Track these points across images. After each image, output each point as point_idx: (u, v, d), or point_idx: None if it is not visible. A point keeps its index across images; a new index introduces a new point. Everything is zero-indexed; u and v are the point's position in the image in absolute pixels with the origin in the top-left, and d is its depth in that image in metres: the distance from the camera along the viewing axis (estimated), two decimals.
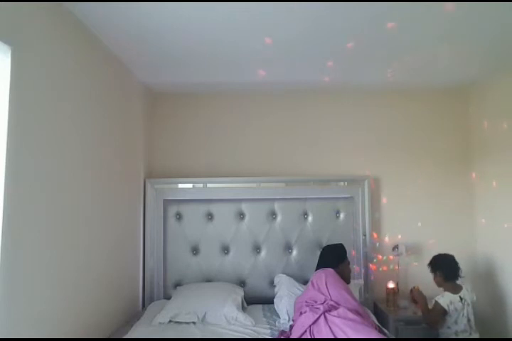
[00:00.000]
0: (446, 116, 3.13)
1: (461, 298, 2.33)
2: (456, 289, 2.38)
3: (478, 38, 2.13)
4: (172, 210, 2.92)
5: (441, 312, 2.32)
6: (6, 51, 1.37)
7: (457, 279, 2.42)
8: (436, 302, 2.35)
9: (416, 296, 2.49)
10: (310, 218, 2.93)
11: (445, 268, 2.43)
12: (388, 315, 2.59)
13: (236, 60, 2.41)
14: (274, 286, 2.75)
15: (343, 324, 1.85)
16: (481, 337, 2.36)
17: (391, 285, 2.76)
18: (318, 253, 2.60)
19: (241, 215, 2.93)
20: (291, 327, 2.14)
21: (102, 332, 2.10)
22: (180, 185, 2.99)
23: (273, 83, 2.88)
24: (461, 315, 2.30)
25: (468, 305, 2.33)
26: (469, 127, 3.09)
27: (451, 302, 2.32)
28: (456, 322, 2.30)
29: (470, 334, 2.30)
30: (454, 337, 2.30)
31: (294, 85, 2.95)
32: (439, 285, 2.44)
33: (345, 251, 2.50)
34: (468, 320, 2.32)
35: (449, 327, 2.32)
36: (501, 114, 2.69)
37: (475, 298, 2.39)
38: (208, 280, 2.84)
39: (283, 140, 3.11)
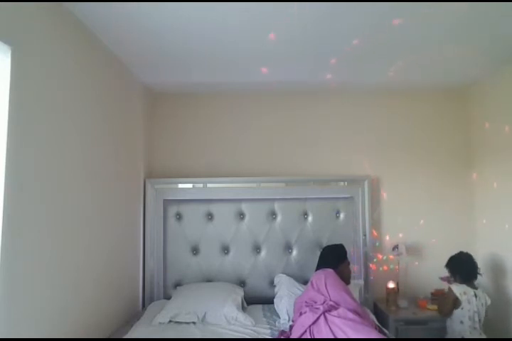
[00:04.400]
0: (446, 116, 3.13)
1: (475, 294, 2.34)
2: (472, 286, 2.39)
3: (478, 38, 2.13)
4: (172, 210, 2.92)
5: (454, 300, 2.33)
6: (6, 51, 1.37)
7: (475, 278, 2.43)
8: (449, 289, 2.38)
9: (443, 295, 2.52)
10: (310, 218, 2.93)
11: (463, 270, 2.44)
12: (388, 315, 2.59)
13: (236, 60, 2.41)
14: (274, 286, 2.75)
15: (343, 324, 1.85)
16: (489, 338, 2.35)
17: (391, 285, 2.76)
18: (318, 253, 2.60)
19: (241, 215, 2.93)
20: (291, 327, 2.14)
21: (102, 332, 2.10)
22: (180, 185, 2.99)
23: (273, 83, 2.88)
24: (474, 311, 2.30)
25: (481, 305, 2.34)
26: (470, 127, 3.09)
27: (464, 293, 2.33)
28: (469, 318, 2.30)
29: (480, 334, 2.30)
30: (467, 333, 2.28)
31: (294, 85, 2.95)
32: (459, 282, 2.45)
33: (345, 252, 2.49)
34: (479, 320, 2.32)
35: (461, 322, 2.31)
36: (502, 114, 2.68)
37: (489, 302, 2.38)
38: (208, 280, 2.84)
39: (283, 140, 3.11)
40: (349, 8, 1.76)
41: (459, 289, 2.35)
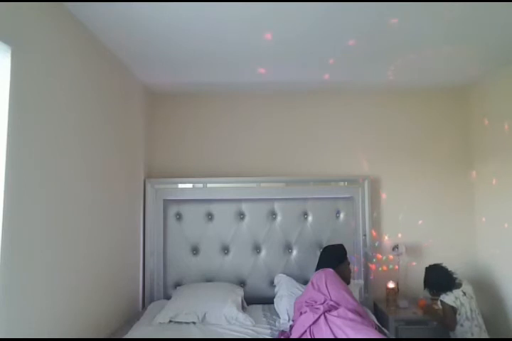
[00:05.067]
0: (446, 116, 3.13)
1: (464, 293, 2.33)
2: (457, 285, 2.39)
3: (478, 38, 2.13)
4: (172, 210, 2.92)
5: (452, 311, 2.32)
6: (6, 51, 1.37)
7: (455, 281, 2.42)
8: (442, 302, 2.36)
9: (429, 311, 2.50)
10: (310, 218, 2.93)
11: (442, 284, 2.43)
12: (388, 315, 2.59)
13: (236, 60, 2.41)
14: (274, 286, 2.75)
15: (343, 324, 1.85)
16: (489, 338, 2.35)
17: (391, 285, 2.76)
18: (318, 253, 2.61)
19: (241, 215, 2.93)
20: (291, 327, 2.14)
21: (102, 332, 2.10)
22: (180, 185, 2.99)
23: (273, 83, 2.88)
24: (469, 309, 2.30)
25: (471, 298, 2.33)
26: (469, 127, 3.09)
27: (456, 298, 2.32)
28: (467, 318, 2.30)
29: (481, 329, 2.29)
30: (469, 334, 2.28)
31: (294, 85, 2.95)
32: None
33: (345, 252, 2.50)
34: (477, 314, 2.31)
35: (461, 325, 2.31)
36: (501, 113, 2.68)
37: (473, 289, 2.39)
38: (208, 280, 2.84)
39: (283, 140, 3.11)
40: (349, 7, 1.76)
41: (450, 298, 2.34)
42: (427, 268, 2.56)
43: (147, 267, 2.84)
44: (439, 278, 2.44)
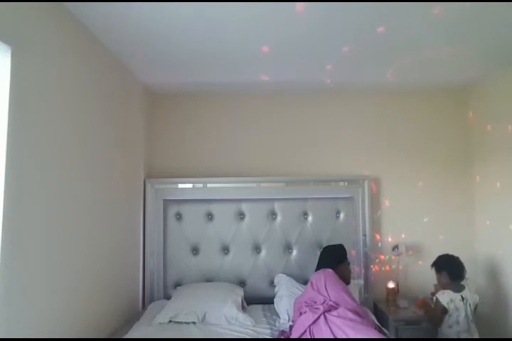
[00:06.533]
0: (446, 116, 3.13)
1: (462, 298, 2.33)
2: (458, 288, 2.38)
3: (478, 38, 2.13)
4: (172, 210, 2.92)
5: (442, 310, 2.32)
6: (6, 51, 1.37)
7: (462, 280, 2.41)
8: (437, 299, 2.36)
9: (424, 306, 2.51)
10: (310, 218, 2.93)
11: (450, 268, 2.42)
12: (388, 315, 2.59)
13: (236, 60, 2.41)
14: (274, 286, 2.75)
15: (342, 324, 1.85)
16: (480, 337, 2.36)
17: (391, 285, 2.76)
18: (318, 253, 2.61)
19: (241, 215, 2.93)
20: (291, 327, 2.14)
21: (102, 332, 2.10)
22: (180, 185, 2.99)
23: (273, 83, 2.88)
24: (463, 314, 2.30)
25: (469, 305, 2.33)
26: (469, 127, 3.09)
27: (451, 301, 2.32)
28: (457, 322, 2.30)
29: (472, 335, 2.30)
30: (455, 337, 2.30)
31: (294, 85, 2.94)
32: (443, 286, 2.42)
33: (345, 252, 2.49)
34: (470, 321, 2.32)
35: (450, 327, 2.32)
36: (501, 114, 2.68)
37: (478, 300, 2.37)
38: (208, 280, 2.84)
39: (283, 140, 3.11)
40: (349, 8, 1.76)
41: (445, 298, 2.34)
42: (448, 254, 2.50)
43: (147, 267, 2.84)
44: (451, 267, 2.42)
